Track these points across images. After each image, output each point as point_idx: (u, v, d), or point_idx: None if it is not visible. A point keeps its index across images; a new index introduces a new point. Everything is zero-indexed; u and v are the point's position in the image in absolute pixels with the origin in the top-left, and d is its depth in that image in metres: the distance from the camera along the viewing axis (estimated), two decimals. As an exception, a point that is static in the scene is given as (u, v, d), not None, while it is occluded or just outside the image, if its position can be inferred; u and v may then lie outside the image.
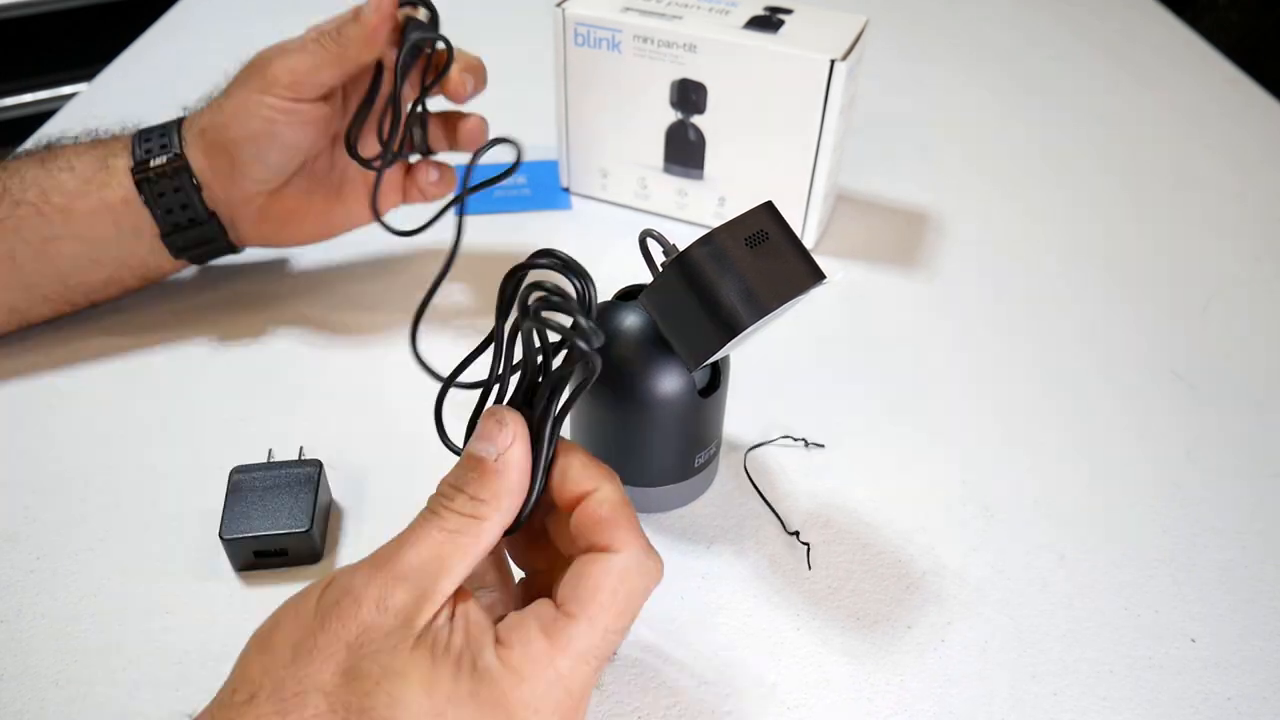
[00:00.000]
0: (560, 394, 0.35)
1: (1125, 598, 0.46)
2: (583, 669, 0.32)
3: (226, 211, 0.54)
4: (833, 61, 0.57)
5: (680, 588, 0.45)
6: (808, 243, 0.66)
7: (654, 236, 0.41)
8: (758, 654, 0.43)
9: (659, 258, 0.42)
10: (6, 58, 1.45)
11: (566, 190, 0.71)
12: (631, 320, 0.43)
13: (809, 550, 0.47)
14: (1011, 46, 0.95)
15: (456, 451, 0.38)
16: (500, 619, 0.33)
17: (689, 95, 0.62)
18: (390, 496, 0.49)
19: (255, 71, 0.51)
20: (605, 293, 0.47)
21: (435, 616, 0.31)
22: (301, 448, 0.50)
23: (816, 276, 0.40)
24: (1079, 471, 0.52)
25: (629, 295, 0.45)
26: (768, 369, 0.57)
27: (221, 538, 0.44)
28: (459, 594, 0.33)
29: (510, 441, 0.33)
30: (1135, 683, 0.42)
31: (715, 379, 0.45)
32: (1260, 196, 0.75)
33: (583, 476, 0.35)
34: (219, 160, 0.52)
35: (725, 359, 0.46)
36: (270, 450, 0.49)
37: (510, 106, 0.81)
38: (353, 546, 0.46)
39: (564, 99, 0.66)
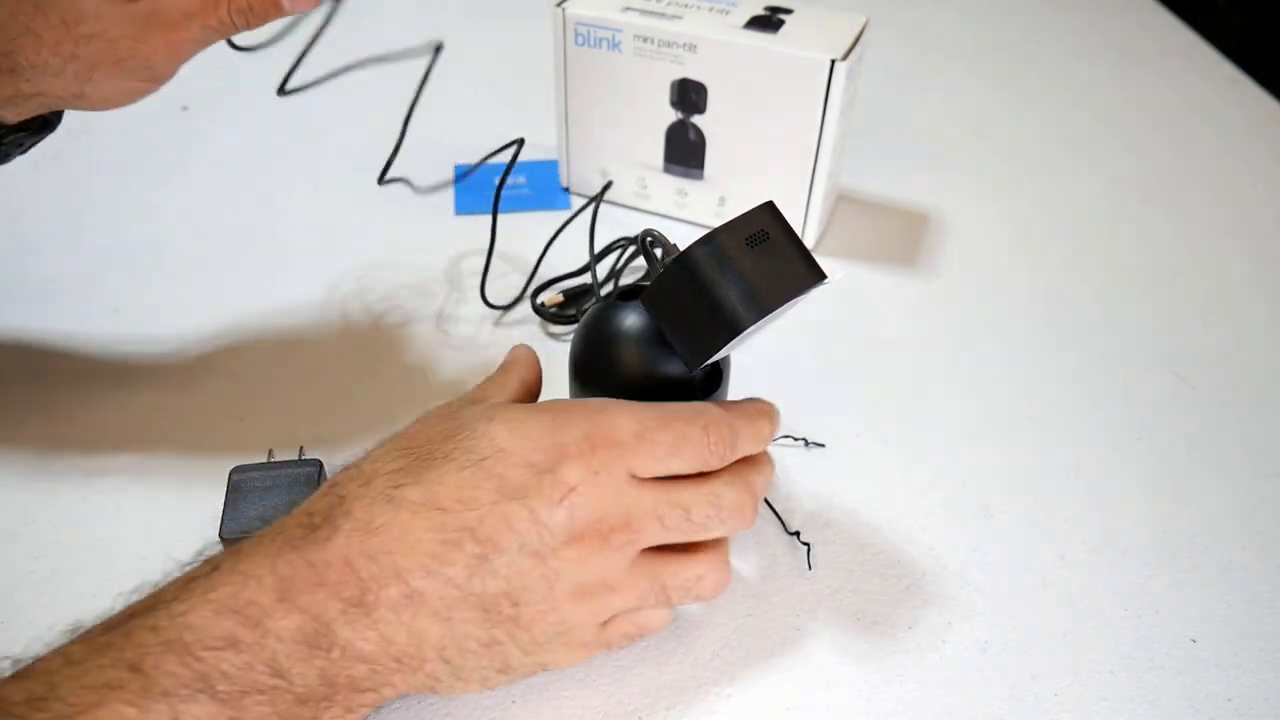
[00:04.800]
0: None
1: (1125, 598, 0.46)
2: (627, 415, 0.37)
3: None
4: (833, 61, 0.57)
5: (680, 588, 0.45)
6: (808, 242, 0.66)
7: (654, 236, 0.41)
8: (758, 654, 0.43)
9: (659, 257, 0.42)
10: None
11: (566, 190, 0.71)
12: (631, 320, 0.43)
13: (809, 550, 0.47)
14: (1011, 47, 0.95)
15: None
16: None
17: (689, 95, 0.62)
18: (390, 496, 0.49)
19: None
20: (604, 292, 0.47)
21: None
22: (302, 448, 0.50)
23: (818, 276, 0.40)
24: (1079, 471, 0.52)
25: (629, 295, 0.45)
26: (768, 369, 0.57)
27: (221, 538, 0.43)
28: None
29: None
30: (1135, 683, 0.42)
31: (715, 379, 0.45)
32: (1261, 196, 0.75)
33: None
34: None
35: (726, 359, 0.46)
36: (271, 450, 0.49)
37: (510, 106, 0.81)
38: (353, 546, 0.46)
39: (564, 99, 0.66)
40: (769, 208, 0.41)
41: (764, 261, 0.39)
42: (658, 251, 0.42)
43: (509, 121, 0.79)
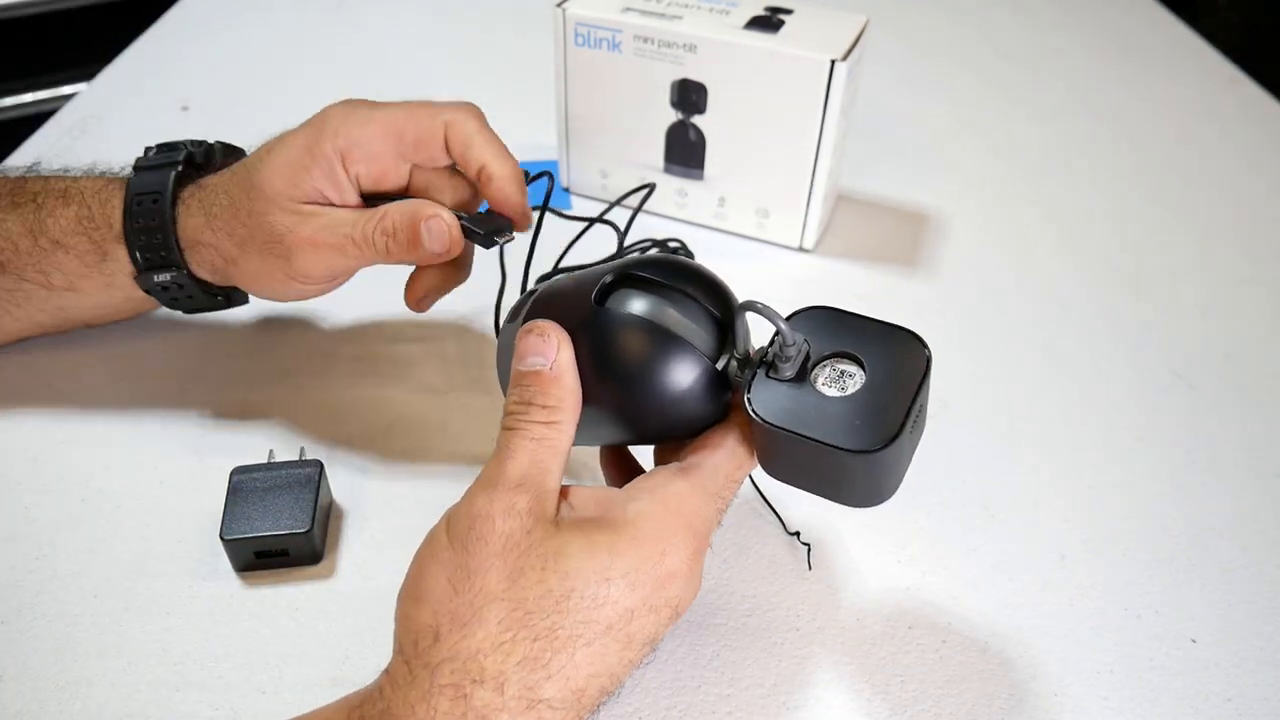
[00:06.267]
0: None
1: (1125, 598, 0.46)
2: (709, 507, 0.36)
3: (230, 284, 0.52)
4: (833, 62, 0.57)
5: (680, 588, 0.45)
6: (808, 243, 0.66)
7: (759, 310, 0.36)
8: (758, 654, 0.43)
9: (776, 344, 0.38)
10: (6, 58, 1.45)
11: (567, 190, 0.71)
12: (636, 316, 0.40)
13: (809, 550, 0.47)
14: (1011, 47, 0.95)
15: None
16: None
17: (689, 95, 0.62)
18: (390, 497, 0.49)
19: (279, 241, 0.46)
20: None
21: (558, 508, 0.35)
22: (303, 448, 0.50)
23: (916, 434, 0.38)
24: (1079, 471, 0.52)
25: (629, 280, 0.40)
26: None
27: (222, 538, 0.44)
28: (563, 489, 0.37)
29: (557, 349, 0.37)
30: (1135, 683, 0.42)
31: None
32: (1260, 196, 0.75)
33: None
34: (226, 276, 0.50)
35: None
36: (271, 451, 0.49)
37: (510, 106, 0.81)
38: (353, 547, 0.46)
39: (564, 99, 0.66)
40: (928, 360, 0.37)
41: (916, 439, 0.37)
42: (759, 322, 0.36)
43: (509, 121, 0.79)
